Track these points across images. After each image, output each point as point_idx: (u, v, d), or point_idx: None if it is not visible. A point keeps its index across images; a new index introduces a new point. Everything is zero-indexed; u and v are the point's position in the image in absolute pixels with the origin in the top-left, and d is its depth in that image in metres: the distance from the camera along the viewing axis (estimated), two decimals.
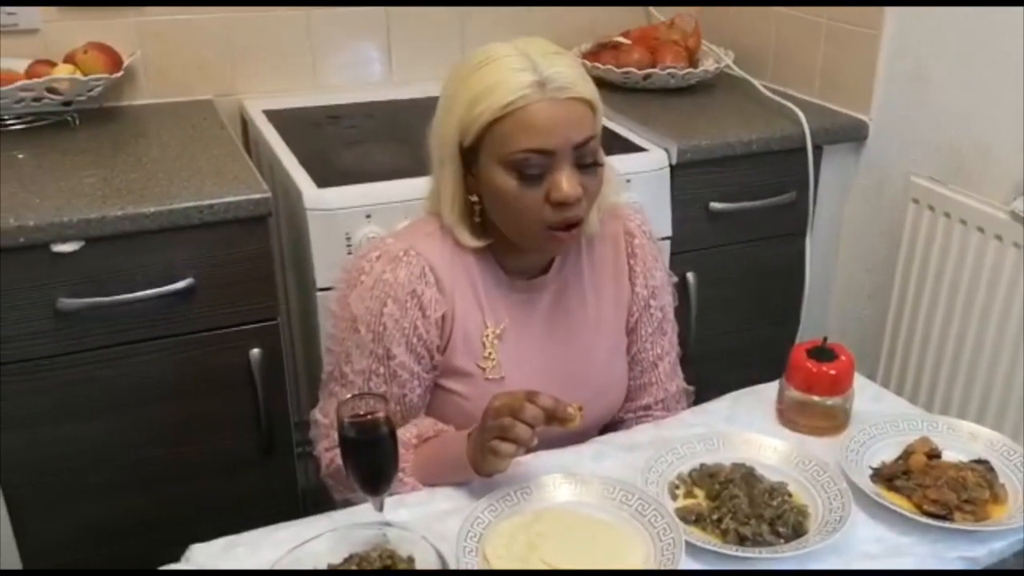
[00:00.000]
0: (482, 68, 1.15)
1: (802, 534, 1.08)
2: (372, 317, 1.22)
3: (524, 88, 1.12)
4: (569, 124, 1.14)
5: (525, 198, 1.15)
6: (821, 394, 1.28)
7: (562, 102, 1.13)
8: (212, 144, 1.85)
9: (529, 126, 1.12)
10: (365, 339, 1.23)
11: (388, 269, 1.22)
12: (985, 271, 1.81)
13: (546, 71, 1.12)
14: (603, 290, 1.35)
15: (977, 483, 1.12)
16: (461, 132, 1.17)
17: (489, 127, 1.14)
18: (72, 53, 1.93)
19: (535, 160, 1.13)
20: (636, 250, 1.36)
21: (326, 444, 1.31)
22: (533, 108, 1.12)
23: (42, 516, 1.66)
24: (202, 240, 1.60)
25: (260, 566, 1.01)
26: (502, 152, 1.14)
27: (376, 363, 1.24)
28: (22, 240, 1.47)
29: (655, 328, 1.39)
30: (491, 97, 1.13)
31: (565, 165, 1.15)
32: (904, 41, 1.98)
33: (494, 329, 1.27)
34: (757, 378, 1.40)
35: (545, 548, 1.04)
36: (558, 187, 1.14)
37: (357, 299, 1.24)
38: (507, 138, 1.13)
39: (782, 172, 2.06)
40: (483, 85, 1.13)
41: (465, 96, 1.15)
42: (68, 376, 1.59)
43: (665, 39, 2.30)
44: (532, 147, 1.13)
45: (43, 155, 1.76)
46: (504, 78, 1.12)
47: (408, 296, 1.22)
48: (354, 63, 2.28)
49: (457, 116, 1.16)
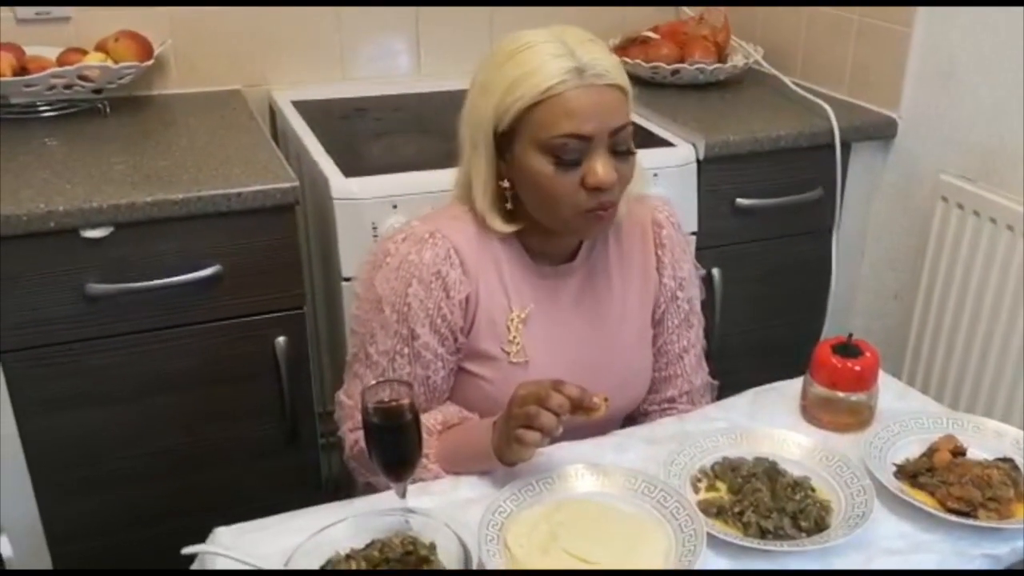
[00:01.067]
0: (520, 54, 1.15)
1: (824, 529, 1.08)
2: (397, 297, 1.23)
3: (563, 74, 1.12)
4: (606, 110, 1.14)
5: (561, 183, 1.16)
6: (846, 390, 1.28)
7: (600, 88, 1.14)
8: (240, 133, 1.87)
9: (568, 111, 1.13)
10: (390, 319, 1.24)
11: (414, 250, 1.23)
12: (1014, 270, 1.79)
13: (584, 58, 1.13)
14: (630, 279, 1.35)
15: (1002, 481, 1.12)
16: (496, 117, 1.17)
17: (527, 112, 1.14)
18: (103, 41, 1.95)
19: (573, 145, 1.14)
20: (664, 240, 1.36)
21: (350, 425, 1.31)
22: (572, 94, 1.12)
23: (68, 500, 1.68)
24: (229, 228, 1.61)
25: (283, 551, 1.02)
26: (540, 137, 1.15)
27: (400, 343, 1.24)
28: (52, 225, 1.49)
29: (682, 320, 1.39)
30: (530, 82, 1.13)
31: (601, 151, 1.15)
32: (935, 39, 1.96)
33: (519, 313, 1.27)
34: (781, 375, 1.40)
35: (566, 538, 1.04)
36: (594, 172, 1.15)
37: (382, 280, 1.24)
38: (545, 123, 1.14)
39: (810, 169, 2.05)
40: (521, 70, 1.14)
41: (502, 82, 1.15)
42: (95, 361, 1.61)
43: (694, 34, 2.29)
44: (570, 132, 1.13)
45: (73, 142, 1.78)
46: (543, 63, 1.13)
47: (433, 277, 1.22)
48: (383, 56, 2.29)
49: (493, 101, 1.17)
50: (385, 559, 1.00)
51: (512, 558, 1.02)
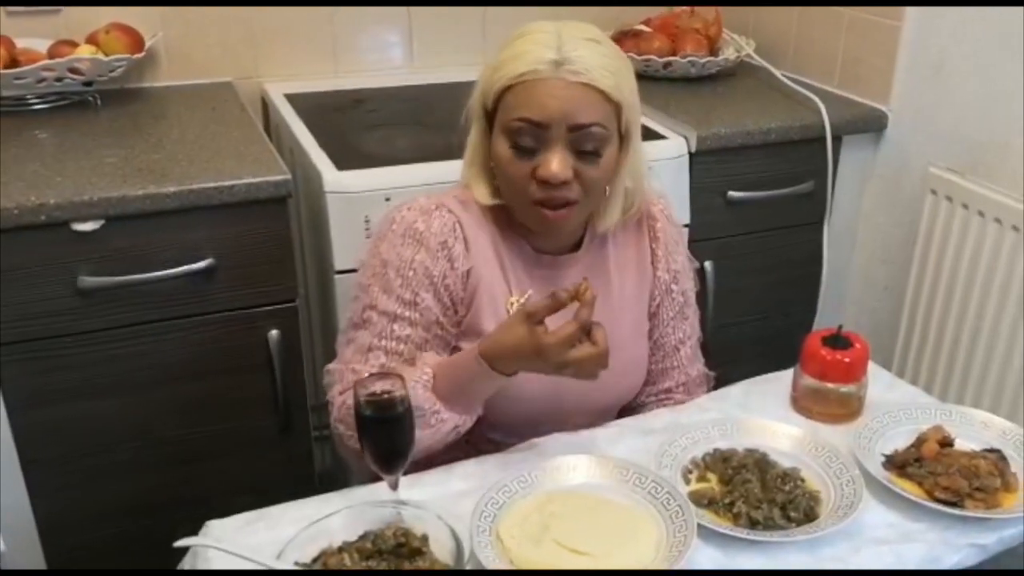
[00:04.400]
0: (518, 39, 1.19)
1: (813, 519, 1.09)
2: (402, 263, 1.24)
3: (540, 63, 1.15)
4: (572, 105, 1.15)
5: (515, 168, 1.18)
6: (835, 382, 1.29)
7: (571, 84, 1.15)
8: (233, 126, 1.86)
9: (530, 97, 1.15)
10: (394, 283, 1.24)
11: (420, 219, 1.25)
12: (1002, 262, 1.81)
13: (568, 53, 1.15)
14: (626, 272, 1.36)
15: (989, 471, 1.13)
16: (484, 94, 1.22)
17: (503, 93, 1.18)
18: (94, 33, 1.95)
19: (527, 130, 1.16)
20: (658, 234, 1.37)
21: (339, 388, 1.29)
22: (540, 82, 1.15)
23: (61, 494, 1.68)
24: (222, 221, 1.61)
25: (275, 543, 1.02)
26: (503, 118, 1.19)
27: (402, 307, 1.24)
28: (43, 218, 1.49)
29: (676, 312, 1.40)
30: (511, 65, 1.17)
31: (558, 145, 1.16)
32: (925, 33, 1.96)
33: (518, 298, 1.28)
34: (773, 367, 1.41)
35: (558, 529, 1.05)
36: (546, 164, 1.16)
37: (388, 246, 1.26)
38: (510, 105, 1.17)
39: (801, 162, 2.05)
40: (511, 53, 1.18)
41: (495, 61, 1.20)
42: (87, 355, 1.60)
43: (686, 27, 2.29)
44: (526, 116, 1.15)
45: (64, 135, 1.78)
46: (528, 51, 1.16)
47: (439, 246, 1.24)
48: (376, 48, 2.29)
49: (485, 78, 1.21)
50: (377, 551, 1.01)
51: (504, 549, 1.03)
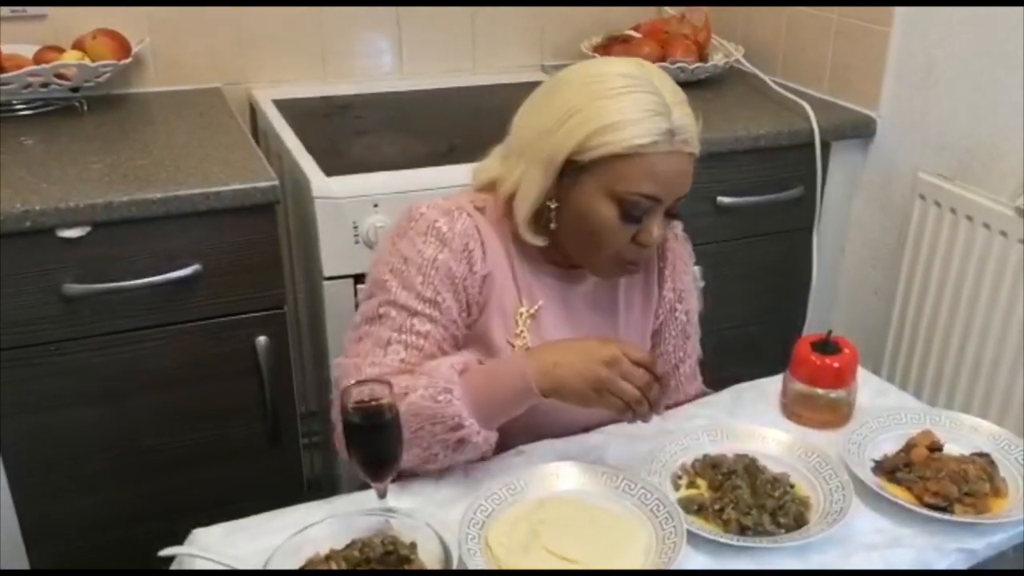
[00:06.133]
0: (620, 97, 1.13)
1: (803, 525, 1.09)
2: (424, 260, 1.21)
3: (657, 135, 1.12)
4: (681, 179, 1.17)
5: (618, 234, 1.17)
6: (825, 387, 1.29)
7: (682, 156, 1.16)
8: (220, 132, 1.85)
9: (651, 172, 1.14)
10: (415, 280, 1.21)
11: (442, 219, 1.22)
12: (990, 267, 1.81)
13: (677, 121, 1.14)
14: (633, 291, 1.36)
15: (978, 476, 1.13)
16: (578, 148, 1.14)
17: (610, 159, 1.13)
18: (80, 39, 1.94)
19: (644, 204, 1.16)
20: (667, 253, 1.37)
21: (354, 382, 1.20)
22: (658, 157, 1.13)
23: (46, 502, 1.67)
24: (209, 227, 1.60)
25: (262, 551, 1.01)
26: (615, 188, 1.14)
27: (422, 304, 1.21)
28: (28, 225, 1.47)
29: (679, 332, 1.40)
30: (624, 132, 1.12)
31: (661, 212, 1.18)
32: (914, 38, 1.97)
33: (528, 309, 1.27)
34: (762, 373, 1.41)
35: (547, 536, 1.05)
36: (649, 232, 1.18)
37: (408, 243, 1.23)
38: (625, 177, 1.14)
39: (790, 167, 2.05)
40: (619, 116, 1.12)
41: (595, 119, 1.13)
42: (73, 362, 1.59)
43: (675, 33, 2.30)
44: (648, 193, 1.15)
45: (50, 141, 1.77)
46: (640, 118, 1.12)
47: (462, 248, 1.22)
48: (364, 54, 2.29)
49: (581, 133, 1.14)
50: (365, 559, 1.00)
51: (493, 557, 1.03)
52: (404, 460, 1.12)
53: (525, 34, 2.39)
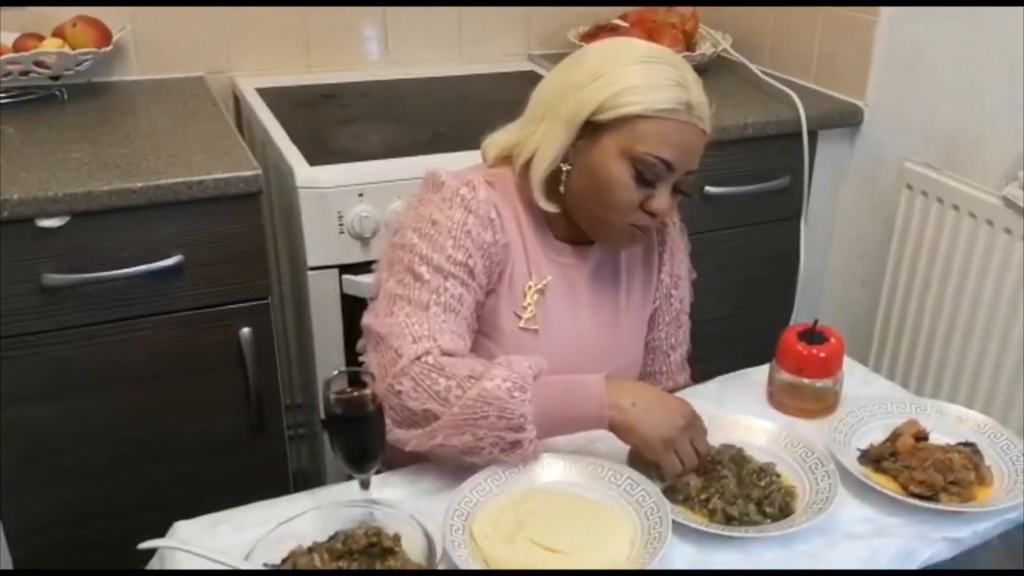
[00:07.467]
0: (647, 64, 1.18)
1: (789, 514, 1.09)
2: (453, 224, 1.21)
3: (679, 103, 1.16)
4: (694, 152, 1.21)
5: (629, 194, 1.19)
6: (811, 376, 1.28)
7: (697, 130, 1.20)
8: (203, 121, 1.84)
9: (670, 137, 1.17)
10: (445, 242, 1.20)
11: (465, 188, 1.22)
12: (976, 256, 1.81)
13: (695, 97, 1.18)
14: (635, 272, 1.37)
15: (963, 465, 1.13)
16: (600, 107, 1.18)
17: (632, 119, 1.16)
18: (61, 27, 1.91)
19: (659, 169, 1.18)
20: (667, 238, 1.39)
21: (409, 340, 1.16)
22: (678, 125, 1.17)
23: (27, 495, 1.65)
24: (191, 217, 1.58)
25: (244, 544, 1.00)
26: (634, 148, 1.17)
27: (455, 267, 1.20)
28: (6, 214, 1.45)
29: (672, 318, 1.42)
30: (650, 95, 1.16)
31: (670, 183, 1.21)
32: (900, 27, 1.97)
33: (536, 283, 1.28)
34: (749, 363, 1.41)
35: (532, 527, 1.04)
36: (659, 200, 1.20)
37: (434, 208, 1.22)
38: (646, 138, 1.17)
39: (777, 157, 2.05)
40: (645, 80, 1.16)
41: (622, 79, 1.17)
42: (53, 353, 1.58)
43: (663, 22, 2.28)
44: (664, 157, 1.17)
45: (30, 129, 1.74)
46: (665, 85, 1.17)
47: (487, 215, 1.22)
48: (349, 42, 2.27)
49: (606, 93, 1.17)
50: (348, 551, 0.99)
51: (478, 548, 1.02)
52: (445, 440, 1.10)
53: (512, 23, 2.38)
